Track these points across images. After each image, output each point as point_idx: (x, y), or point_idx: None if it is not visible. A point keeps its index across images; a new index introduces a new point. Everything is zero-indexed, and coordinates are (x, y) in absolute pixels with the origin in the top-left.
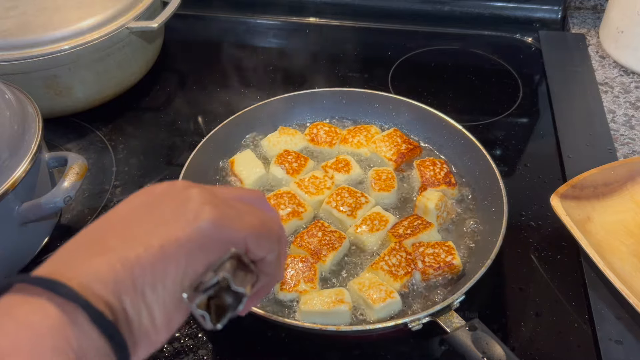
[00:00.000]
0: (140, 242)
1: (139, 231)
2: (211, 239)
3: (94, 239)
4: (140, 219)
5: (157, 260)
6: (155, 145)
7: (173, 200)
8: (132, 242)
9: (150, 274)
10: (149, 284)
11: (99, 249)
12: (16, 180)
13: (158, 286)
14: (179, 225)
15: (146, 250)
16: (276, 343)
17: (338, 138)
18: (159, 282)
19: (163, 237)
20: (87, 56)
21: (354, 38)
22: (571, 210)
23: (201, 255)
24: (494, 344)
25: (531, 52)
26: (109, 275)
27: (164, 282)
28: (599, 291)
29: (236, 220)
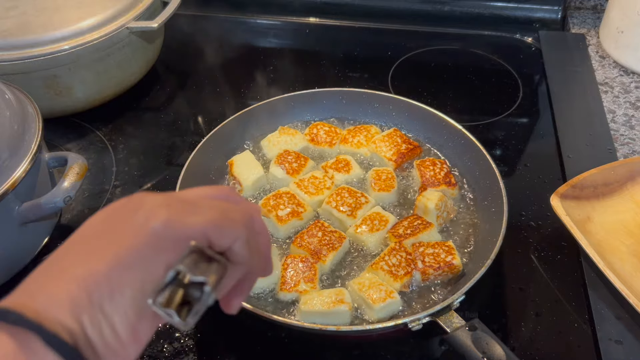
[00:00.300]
0: (94, 257)
1: (94, 247)
2: (165, 239)
3: (52, 264)
4: (96, 235)
5: (111, 270)
6: (155, 145)
7: (127, 211)
8: (86, 258)
9: (106, 285)
10: (106, 296)
11: (55, 272)
12: (16, 180)
13: (116, 296)
14: (130, 231)
15: (98, 263)
16: (276, 343)
17: (338, 138)
18: (116, 292)
19: (115, 247)
20: (87, 56)
21: (354, 38)
22: (571, 210)
23: (158, 257)
24: (494, 344)
25: (531, 52)
26: (63, 296)
27: (121, 290)
28: (599, 291)
29: (191, 215)
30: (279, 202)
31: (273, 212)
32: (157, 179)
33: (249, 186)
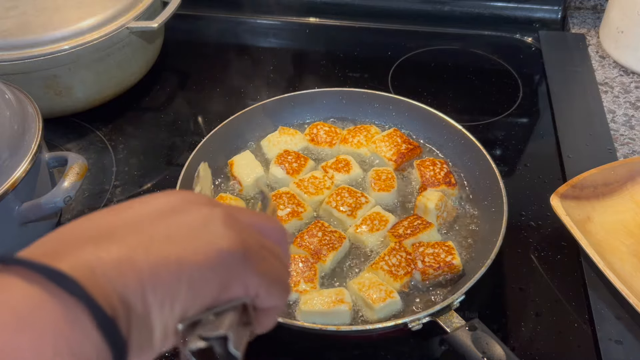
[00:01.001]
0: (155, 251)
1: (153, 237)
2: (229, 272)
3: (105, 232)
4: (154, 224)
5: (172, 277)
6: (155, 145)
7: (191, 215)
8: (146, 248)
9: (162, 292)
10: (158, 303)
11: (113, 245)
12: (16, 180)
13: (166, 307)
14: (198, 244)
15: (160, 263)
16: (276, 343)
17: (338, 138)
18: (167, 302)
19: (180, 253)
20: (87, 56)
21: (354, 38)
22: (571, 210)
23: (215, 288)
24: (494, 344)
25: (531, 52)
26: (119, 279)
27: (172, 304)
28: (599, 291)
29: (259, 260)
30: (279, 203)
31: None
32: (157, 179)
33: (249, 186)
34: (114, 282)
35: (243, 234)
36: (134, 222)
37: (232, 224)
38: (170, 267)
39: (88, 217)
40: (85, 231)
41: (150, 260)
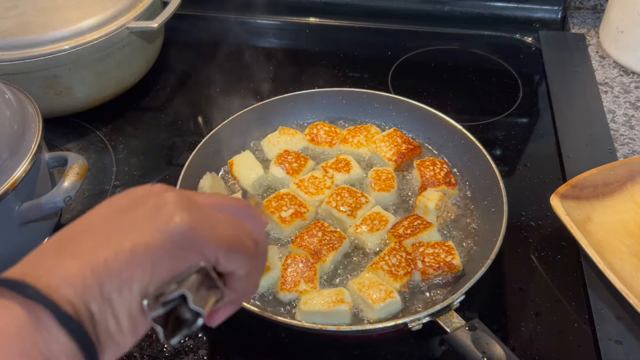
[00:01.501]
0: (111, 246)
1: (111, 234)
2: (181, 247)
3: (67, 241)
4: (114, 222)
5: (125, 265)
6: (155, 145)
7: (148, 204)
8: (102, 246)
9: (117, 279)
10: (116, 289)
11: (70, 251)
12: (16, 180)
13: (124, 291)
14: (150, 229)
15: (115, 255)
16: (276, 343)
17: (338, 138)
18: (125, 287)
19: (133, 241)
20: (87, 56)
21: (354, 38)
22: (571, 210)
23: (169, 263)
24: (494, 344)
25: (531, 52)
26: (77, 280)
27: (130, 286)
28: (599, 291)
29: (209, 229)
30: (281, 204)
31: (276, 213)
32: (157, 179)
33: (249, 186)
34: (74, 285)
35: (193, 210)
36: (96, 226)
37: (183, 203)
38: (122, 257)
39: (59, 232)
40: (50, 246)
41: (104, 257)
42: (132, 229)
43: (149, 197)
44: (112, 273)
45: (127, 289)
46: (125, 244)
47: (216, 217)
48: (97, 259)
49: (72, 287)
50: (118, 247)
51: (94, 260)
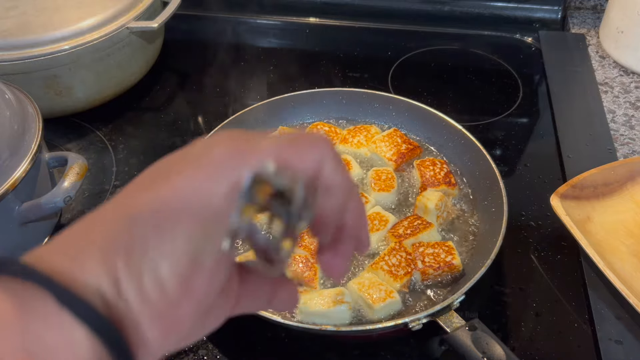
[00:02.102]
0: (146, 192)
1: (146, 185)
2: (229, 165)
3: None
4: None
5: (162, 205)
6: (155, 145)
7: (184, 151)
8: (131, 195)
9: (153, 223)
10: (153, 234)
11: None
12: (16, 180)
13: (166, 235)
14: (187, 163)
15: (148, 196)
16: (276, 343)
17: (338, 138)
18: (166, 230)
19: (169, 180)
20: (88, 56)
21: (354, 38)
22: (571, 210)
23: (219, 189)
24: (494, 344)
25: (531, 52)
26: (100, 231)
27: (172, 229)
28: (599, 291)
29: (259, 140)
30: None
31: None
32: None
33: None
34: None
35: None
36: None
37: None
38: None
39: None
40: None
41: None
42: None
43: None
44: (145, 217)
45: (170, 233)
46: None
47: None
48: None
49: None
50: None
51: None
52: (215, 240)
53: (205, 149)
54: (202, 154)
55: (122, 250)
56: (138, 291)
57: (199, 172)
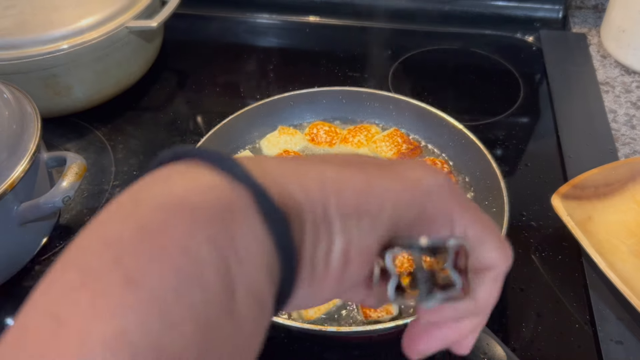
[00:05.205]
0: (347, 171)
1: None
2: (431, 204)
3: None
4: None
5: (360, 192)
6: (154, 145)
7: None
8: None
9: (346, 202)
10: (342, 212)
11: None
12: (15, 180)
13: (351, 219)
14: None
15: (351, 177)
16: (276, 344)
17: (338, 138)
18: (354, 215)
19: (373, 177)
20: (86, 55)
21: (354, 37)
22: (572, 211)
23: (411, 211)
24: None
25: (532, 52)
26: (296, 180)
27: (359, 218)
28: (600, 292)
29: (464, 196)
30: None
31: None
32: None
33: None
34: (302, 184)
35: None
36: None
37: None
38: (366, 179)
39: None
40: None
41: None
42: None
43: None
44: (340, 191)
45: (357, 219)
46: (360, 174)
47: None
48: (325, 173)
49: (286, 184)
50: (352, 171)
51: (322, 172)
52: (380, 245)
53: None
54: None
55: (313, 208)
56: (312, 253)
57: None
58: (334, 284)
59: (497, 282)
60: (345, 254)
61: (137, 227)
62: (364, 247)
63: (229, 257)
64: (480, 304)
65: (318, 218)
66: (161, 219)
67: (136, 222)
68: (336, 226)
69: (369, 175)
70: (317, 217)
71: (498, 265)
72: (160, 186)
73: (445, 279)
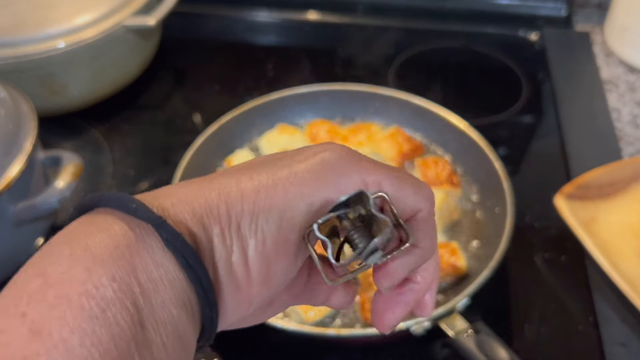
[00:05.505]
0: (247, 174)
1: (254, 167)
2: (334, 170)
3: (198, 179)
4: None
5: (261, 189)
6: (152, 144)
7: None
8: (237, 174)
9: (250, 203)
10: (248, 213)
11: (200, 181)
12: (11, 180)
13: (259, 217)
14: (300, 160)
15: (251, 179)
16: (276, 347)
17: (338, 137)
18: (260, 213)
19: (274, 171)
20: (83, 54)
21: (354, 35)
22: (576, 211)
23: (318, 189)
24: (498, 347)
25: (535, 50)
26: (197, 199)
27: (267, 214)
28: (604, 293)
29: (367, 159)
30: None
31: None
32: (154, 178)
33: None
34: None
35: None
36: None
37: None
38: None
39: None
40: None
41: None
42: (275, 162)
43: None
44: (243, 196)
45: (263, 216)
46: (264, 173)
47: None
48: (228, 182)
49: (188, 205)
50: (255, 174)
51: (225, 183)
52: (300, 232)
53: (316, 152)
54: (314, 154)
55: (217, 219)
56: (225, 260)
57: (303, 172)
58: (262, 285)
59: (429, 223)
60: (262, 252)
61: (42, 281)
62: (281, 239)
63: (133, 289)
64: (422, 247)
65: (225, 228)
66: (63, 269)
67: (41, 276)
68: (245, 229)
69: (273, 169)
70: (223, 227)
71: (423, 206)
72: (66, 239)
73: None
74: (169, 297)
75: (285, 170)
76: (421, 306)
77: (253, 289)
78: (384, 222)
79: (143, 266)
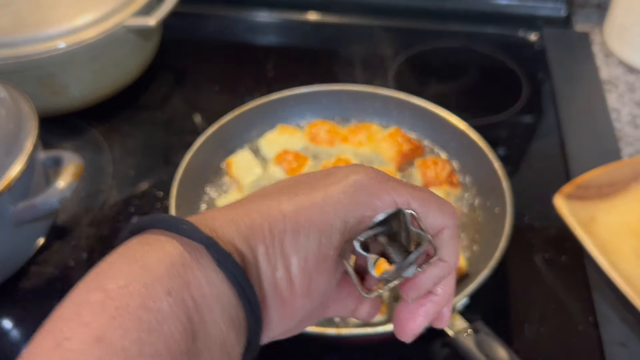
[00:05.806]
0: (287, 197)
1: (291, 189)
2: (366, 191)
3: (238, 201)
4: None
5: (300, 209)
6: (152, 145)
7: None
8: (277, 196)
9: (292, 223)
10: (290, 232)
11: (243, 203)
12: (11, 180)
13: (300, 236)
14: (332, 182)
15: (290, 200)
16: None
17: (338, 137)
18: (302, 232)
19: (311, 193)
20: (84, 54)
21: (354, 35)
22: (575, 211)
23: (353, 208)
24: (498, 347)
25: (535, 50)
26: (243, 219)
27: (307, 232)
28: (604, 293)
29: (396, 181)
30: None
31: None
32: (154, 178)
33: (247, 186)
34: (238, 223)
35: (380, 172)
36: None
37: (371, 169)
38: (296, 200)
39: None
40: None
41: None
42: (317, 187)
43: (339, 168)
44: (285, 215)
45: (304, 234)
46: (300, 194)
47: None
48: (269, 204)
49: (234, 225)
50: (292, 195)
51: (267, 205)
52: (337, 249)
53: (347, 174)
54: (345, 176)
55: (262, 238)
56: (271, 276)
57: (338, 193)
58: (304, 299)
59: (453, 238)
60: (305, 268)
61: (103, 294)
62: (321, 255)
63: (187, 304)
64: (447, 261)
65: (269, 246)
66: (123, 283)
67: (102, 290)
68: (288, 247)
69: (310, 191)
70: (267, 245)
71: (448, 223)
72: (122, 257)
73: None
74: (219, 313)
75: (321, 191)
76: (439, 317)
77: (296, 303)
78: (423, 237)
79: (196, 283)
